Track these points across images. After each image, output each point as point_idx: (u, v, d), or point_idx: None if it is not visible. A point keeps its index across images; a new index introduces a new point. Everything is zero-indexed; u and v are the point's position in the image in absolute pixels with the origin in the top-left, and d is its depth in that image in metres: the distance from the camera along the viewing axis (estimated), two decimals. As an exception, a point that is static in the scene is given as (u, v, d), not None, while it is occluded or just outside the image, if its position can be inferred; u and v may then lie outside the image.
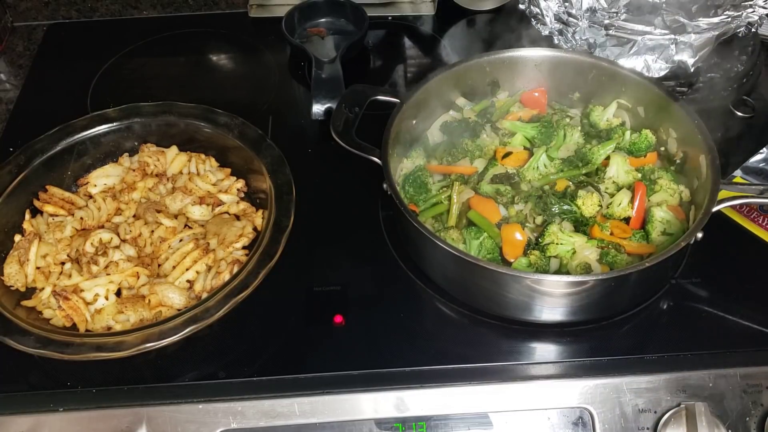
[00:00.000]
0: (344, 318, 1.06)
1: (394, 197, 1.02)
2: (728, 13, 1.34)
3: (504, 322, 1.05)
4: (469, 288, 1.05)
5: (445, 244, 0.98)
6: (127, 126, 1.26)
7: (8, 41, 1.65)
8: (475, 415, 0.95)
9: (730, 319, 1.05)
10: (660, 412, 0.94)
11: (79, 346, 0.95)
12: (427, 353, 1.02)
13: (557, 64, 1.26)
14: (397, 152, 1.17)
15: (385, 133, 1.11)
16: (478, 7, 1.63)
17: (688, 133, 1.12)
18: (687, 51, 1.31)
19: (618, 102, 1.23)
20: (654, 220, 1.07)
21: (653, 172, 1.14)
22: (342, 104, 1.17)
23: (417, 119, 1.23)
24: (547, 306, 1.01)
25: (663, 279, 1.08)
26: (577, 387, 0.96)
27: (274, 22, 1.54)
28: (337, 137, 1.11)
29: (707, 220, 0.98)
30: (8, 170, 1.16)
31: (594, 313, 1.04)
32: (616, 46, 1.34)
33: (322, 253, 1.15)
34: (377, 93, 1.20)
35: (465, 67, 1.25)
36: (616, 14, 1.38)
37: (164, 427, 0.94)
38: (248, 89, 1.48)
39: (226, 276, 1.06)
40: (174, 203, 1.18)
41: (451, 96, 1.28)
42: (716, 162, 1.04)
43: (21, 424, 0.95)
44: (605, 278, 0.96)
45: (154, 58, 1.58)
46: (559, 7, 1.38)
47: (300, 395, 0.96)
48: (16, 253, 1.10)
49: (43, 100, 1.48)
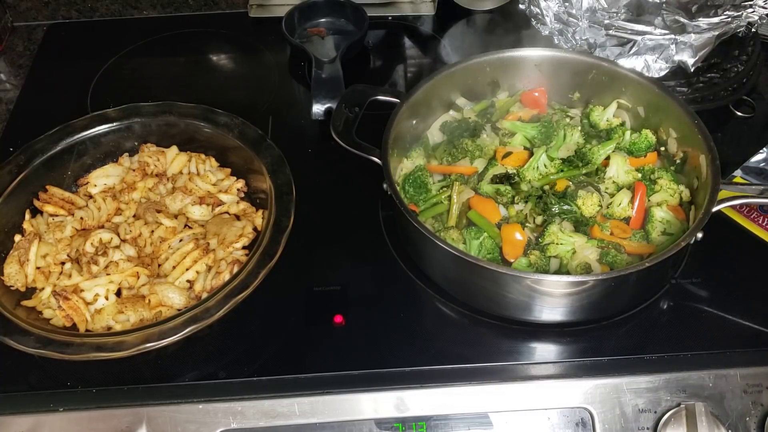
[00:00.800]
0: (344, 318, 1.06)
1: (394, 197, 1.02)
2: (728, 13, 1.34)
3: (504, 322, 1.05)
4: (469, 288, 1.05)
5: (445, 244, 0.98)
6: (127, 126, 1.26)
7: (8, 41, 1.65)
8: (475, 415, 0.95)
9: (730, 319, 1.04)
10: (660, 412, 0.94)
11: (79, 346, 0.95)
12: (427, 353, 1.02)
13: (557, 64, 1.26)
14: (397, 152, 1.17)
15: (385, 133, 1.11)
16: (478, 7, 1.63)
17: (688, 133, 1.12)
18: (687, 51, 1.31)
19: (618, 102, 1.23)
20: (654, 220, 1.07)
21: (653, 172, 1.14)
22: (342, 104, 1.17)
23: (417, 119, 1.23)
24: (547, 306, 1.01)
25: (663, 279, 1.08)
26: (577, 387, 0.96)
27: (274, 22, 1.54)
28: (337, 137, 1.11)
29: (707, 220, 0.98)
30: (8, 170, 1.16)
31: (594, 313, 1.04)
32: (616, 46, 1.34)
33: (322, 253, 1.15)
34: (377, 93, 1.20)
35: (465, 67, 1.24)
36: (616, 14, 1.38)
37: (164, 427, 0.94)
38: (248, 89, 1.48)
39: (226, 276, 1.06)
40: (174, 203, 1.18)
41: (451, 96, 1.27)
42: (716, 162, 1.04)
43: (21, 424, 0.95)
44: (605, 278, 0.96)
45: (154, 58, 1.58)
46: (559, 7, 1.38)
47: (300, 395, 0.96)
48: (16, 253, 1.10)
49: (43, 100, 1.48)
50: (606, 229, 1.07)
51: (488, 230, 1.06)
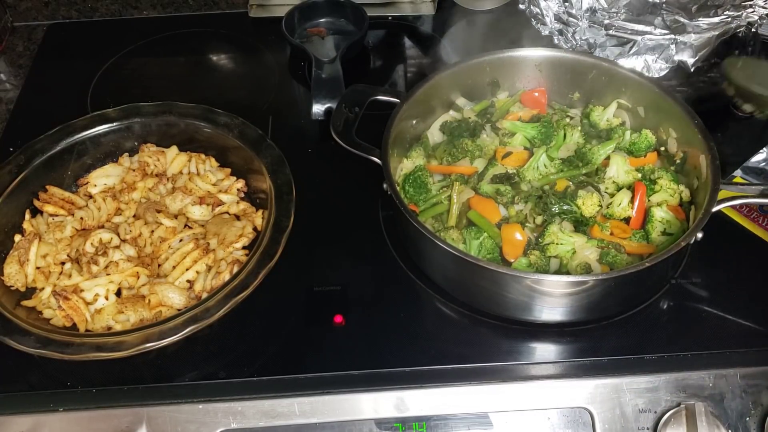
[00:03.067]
0: (344, 318, 1.06)
1: (394, 197, 1.02)
2: (728, 13, 1.34)
3: (504, 322, 1.05)
4: (469, 288, 1.05)
5: (445, 244, 0.98)
6: (127, 126, 1.26)
7: (8, 41, 1.65)
8: (475, 415, 0.95)
9: (730, 319, 1.04)
10: (660, 412, 0.94)
11: (79, 346, 0.95)
12: (427, 353, 1.02)
13: (557, 64, 1.26)
14: (397, 152, 1.17)
15: (385, 133, 1.11)
16: (478, 7, 1.63)
17: (688, 133, 1.12)
18: (687, 51, 1.31)
19: (618, 102, 1.23)
20: (654, 220, 1.07)
21: (653, 172, 1.14)
22: (342, 104, 1.17)
23: (417, 119, 1.23)
24: (547, 306, 1.01)
25: (663, 279, 1.08)
26: (577, 387, 0.96)
27: (274, 22, 1.54)
28: (337, 137, 1.11)
29: (707, 220, 0.98)
30: (8, 170, 1.16)
31: (594, 313, 1.04)
32: (616, 46, 1.35)
33: (322, 253, 1.15)
34: (377, 93, 1.20)
35: (465, 67, 1.24)
36: (616, 14, 1.38)
37: (164, 427, 0.94)
38: (248, 89, 1.48)
39: (226, 276, 1.06)
40: (174, 203, 1.18)
41: (451, 96, 1.27)
42: (716, 162, 1.04)
43: (21, 424, 0.95)
44: (605, 278, 0.96)
45: (154, 58, 1.58)
46: (559, 7, 1.38)
47: (300, 395, 0.96)
48: (16, 253, 1.10)
49: (43, 100, 1.48)
50: (606, 229, 1.07)
51: (488, 230, 1.06)
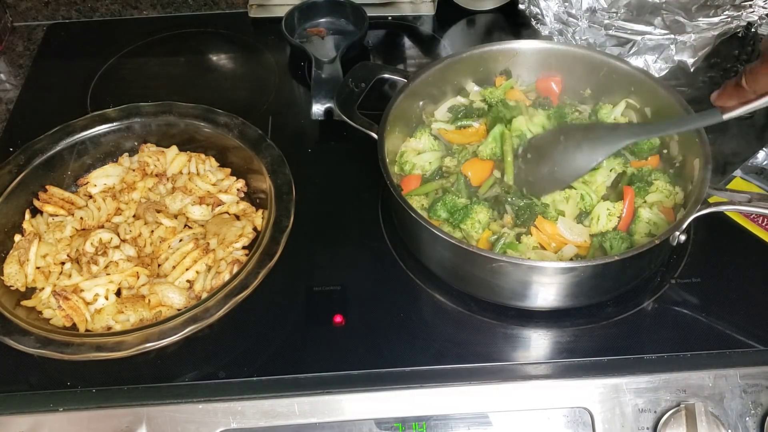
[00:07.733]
0: (344, 318, 1.06)
1: (383, 172, 1.03)
2: (728, 13, 1.34)
3: (504, 322, 1.05)
4: (462, 276, 1.05)
5: (428, 224, 0.98)
6: (127, 126, 1.26)
7: (8, 41, 1.65)
8: (475, 415, 0.95)
9: (730, 319, 1.04)
10: (660, 412, 0.94)
11: (79, 346, 0.95)
12: (427, 353, 1.02)
13: (570, 59, 1.25)
14: (400, 130, 1.18)
15: (387, 108, 1.12)
16: (478, 7, 1.63)
17: (687, 136, 1.11)
18: (687, 51, 1.31)
19: (627, 101, 1.22)
20: (640, 220, 1.06)
21: (650, 173, 1.14)
22: (349, 78, 1.17)
23: (424, 101, 1.23)
24: (543, 293, 1.01)
25: (638, 276, 1.07)
26: (576, 387, 0.96)
27: (274, 22, 1.55)
28: (339, 109, 1.11)
29: (687, 221, 0.97)
30: (8, 170, 1.16)
31: (594, 313, 1.04)
32: (616, 46, 1.35)
33: (321, 253, 1.15)
34: (385, 71, 1.21)
35: (477, 54, 1.25)
36: (616, 14, 1.38)
37: (164, 427, 0.94)
38: (248, 89, 1.48)
39: (226, 276, 1.06)
40: (174, 203, 1.18)
41: (461, 82, 1.28)
42: (708, 167, 1.03)
43: (21, 424, 0.95)
44: (595, 264, 0.96)
45: (154, 58, 1.58)
46: (559, 7, 1.39)
47: (300, 395, 0.96)
48: (16, 253, 1.10)
49: (43, 100, 1.48)
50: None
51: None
